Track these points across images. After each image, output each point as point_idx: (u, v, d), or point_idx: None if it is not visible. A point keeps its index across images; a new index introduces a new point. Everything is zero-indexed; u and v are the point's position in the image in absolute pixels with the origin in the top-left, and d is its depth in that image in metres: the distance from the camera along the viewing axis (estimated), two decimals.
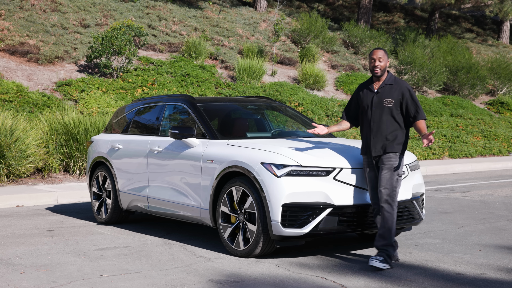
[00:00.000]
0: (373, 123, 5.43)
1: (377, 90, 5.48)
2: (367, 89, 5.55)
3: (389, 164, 5.33)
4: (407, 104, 5.41)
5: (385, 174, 5.31)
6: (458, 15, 32.57)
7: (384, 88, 5.47)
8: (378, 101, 5.43)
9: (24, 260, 5.55)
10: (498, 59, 22.97)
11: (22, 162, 9.89)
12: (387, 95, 5.42)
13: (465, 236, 6.62)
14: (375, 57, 5.46)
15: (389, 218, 5.27)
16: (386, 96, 5.42)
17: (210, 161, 5.96)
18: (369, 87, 5.55)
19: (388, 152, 5.34)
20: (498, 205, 8.79)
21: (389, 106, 5.40)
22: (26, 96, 13.12)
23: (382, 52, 5.48)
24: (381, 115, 5.41)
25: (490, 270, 5.20)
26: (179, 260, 5.54)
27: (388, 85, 5.47)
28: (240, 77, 17.11)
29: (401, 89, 5.43)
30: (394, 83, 5.48)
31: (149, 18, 19.44)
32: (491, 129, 17.90)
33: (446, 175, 12.99)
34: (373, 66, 5.47)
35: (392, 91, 5.43)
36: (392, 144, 5.36)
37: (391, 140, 5.37)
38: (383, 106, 5.41)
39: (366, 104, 5.51)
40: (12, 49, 15.17)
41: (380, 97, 5.44)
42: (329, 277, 4.98)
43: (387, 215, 5.27)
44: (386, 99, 5.41)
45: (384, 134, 5.37)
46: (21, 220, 7.69)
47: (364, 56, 22.03)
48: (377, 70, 5.46)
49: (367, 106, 5.49)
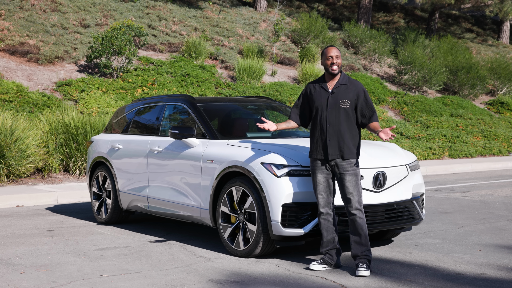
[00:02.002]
0: (329, 125, 5.17)
1: (332, 90, 5.23)
2: (321, 88, 5.27)
3: (352, 170, 5.15)
4: (362, 106, 5.22)
5: (351, 180, 5.13)
6: (458, 15, 32.56)
7: (339, 88, 5.23)
8: (334, 102, 5.19)
9: (24, 260, 5.54)
10: (498, 59, 22.95)
11: (22, 162, 9.89)
12: (343, 96, 5.20)
13: (465, 236, 6.61)
14: (332, 55, 5.22)
15: (363, 224, 5.14)
16: (342, 97, 5.19)
17: (210, 161, 5.96)
18: (322, 87, 5.27)
19: (348, 158, 5.14)
20: (498, 205, 8.78)
21: (346, 107, 5.18)
22: (26, 96, 13.11)
23: (338, 50, 5.26)
24: (337, 117, 5.17)
25: (490, 270, 5.19)
26: (179, 260, 5.54)
27: (343, 85, 5.24)
28: (240, 77, 17.10)
29: (356, 89, 5.23)
30: (349, 83, 5.26)
31: (149, 18, 19.43)
32: (491, 129, 17.89)
33: (446, 175, 12.99)
34: (331, 64, 5.21)
35: (347, 91, 5.22)
36: (351, 148, 5.17)
37: (349, 143, 5.17)
38: (339, 108, 5.18)
39: (320, 104, 5.23)
40: (12, 49, 15.16)
41: (336, 97, 5.20)
42: (329, 277, 4.98)
43: (360, 221, 5.13)
44: (343, 100, 5.18)
45: (341, 137, 5.15)
46: (21, 220, 7.68)
47: (364, 56, 22.01)
48: (334, 67, 5.21)
49: (322, 107, 5.21)
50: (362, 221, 5.14)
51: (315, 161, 5.23)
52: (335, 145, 5.16)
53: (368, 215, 5.49)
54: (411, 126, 17.24)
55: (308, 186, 5.37)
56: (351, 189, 5.12)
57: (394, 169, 5.76)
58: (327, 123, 5.18)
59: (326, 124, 5.18)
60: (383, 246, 6.16)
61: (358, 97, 5.21)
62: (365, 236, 5.14)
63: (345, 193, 5.15)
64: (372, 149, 5.98)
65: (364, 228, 5.14)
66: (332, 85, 5.26)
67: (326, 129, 5.18)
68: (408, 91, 20.60)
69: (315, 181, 5.22)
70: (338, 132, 5.16)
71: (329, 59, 5.23)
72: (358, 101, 5.21)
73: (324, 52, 5.27)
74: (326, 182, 5.20)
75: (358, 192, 5.14)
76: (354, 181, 5.14)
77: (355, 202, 5.12)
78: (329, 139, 5.16)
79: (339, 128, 5.17)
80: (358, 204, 5.13)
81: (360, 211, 5.14)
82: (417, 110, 18.78)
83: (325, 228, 5.22)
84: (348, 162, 5.15)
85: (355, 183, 5.14)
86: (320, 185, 5.19)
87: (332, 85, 5.26)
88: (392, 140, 11.58)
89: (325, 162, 5.20)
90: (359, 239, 5.14)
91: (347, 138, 5.17)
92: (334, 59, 5.22)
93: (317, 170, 5.22)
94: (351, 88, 5.24)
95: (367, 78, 19.94)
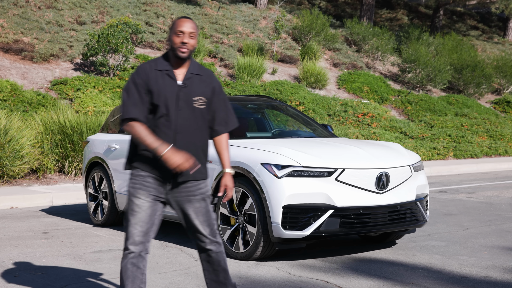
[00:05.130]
0: (178, 132, 3.64)
1: (182, 81, 3.68)
2: (166, 77, 3.67)
3: (200, 194, 3.73)
4: (216, 106, 3.76)
5: (200, 208, 3.73)
6: (463, 12, 32.46)
7: (192, 80, 3.70)
8: (186, 99, 3.66)
9: (19, 263, 5.48)
10: (504, 57, 22.84)
11: (17, 162, 9.80)
12: (198, 91, 3.69)
13: (470, 238, 6.56)
14: (184, 30, 3.62)
15: (221, 257, 3.84)
16: (196, 93, 3.68)
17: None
18: (169, 75, 3.67)
19: (200, 178, 3.72)
20: (504, 206, 8.72)
21: (201, 107, 3.69)
22: (20, 95, 13.03)
23: (194, 25, 3.67)
24: (190, 120, 3.66)
25: (496, 273, 5.14)
26: (177, 263, 5.48)
27: (196, 75, 3.72)
28: (240, 75, 17.00)
29: (211, 82, 3.75)
30: (202, 73, 3.76)
31: (146, 15, 19.32)
32: (497, 128, 17.76)
33: (450, 176, 12.93)
34: (181, 43, 3.62)
35: (202, 85, 3.72)
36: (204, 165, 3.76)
37: (203, 160, 3.76)
38: (193, 107, 3.67)
39: (165, 100, 3.63)
40: (6, 47, 15.04)
41: (189, 93, 3.67)
42: (331, 280, 4.92)
43: (216, 256, 3.81)
44: (198, 98, 3.68)
45: (195, 151, 3.69)
46: (15, 222, 7.60)
47: (367, 54, 21.89)
48: (184, 49, 3.63)
49: (168, 105, 3.64)
50: (220, 254, 3.82)
51: (142, 178, 3.67)
52: None
53: (371, 217, 5.44)
54: (415, 126, 17.14)
55: (309, 187, 5.31)
56: (201, 218, 3.74)
57: (397, 170, 5.71)
58: (176, 128, 3.64)
59: (174, 130, 3.64)
60: (386, 248, 6.10)
61: (214, 93, 3.75)
62: (224, 271, 3.85)
63: (192, 224, 3.75)
64: (375, 149, 5.96)
65: (222, 263, 3.84)
66: (181, 73, 3.69)
67: (175, 138, 3.65)
68: (412, 90, 20.50)
69: (132, 205, 3.65)
70: (190, 144, 3.68)
71: (179, 35, 3.64)
72: (213, 98, 3.75)
73: (174, 25, 3.67)
74: (150, 208, 3.66)
75: (210, 220, 3.76)
76: (204, 208, 3.75)
77: (209, 235, 3.77)
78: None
79: (193, 137, 3.69)
80: (212, 236, 3.77)
81: (216, 244, 3.80)
82: (421, 109, 18.68)
83: (130, 278, 3.65)
84: (196, 185, 3.72)
85: (205, 209, 3.76)
86: (142, 212, 3.63)
87: (181, 74, 3.69)
88: None
89: (163, 182, 3.70)
90: (216, 277, 3.86)
91: (200, 151, 3.73)
92: (186, 36, 3.63)
93: (142, 189, 3.66)
94: (206, 80, 3.75)
95: (370, 77, 19.84)
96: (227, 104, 3.83)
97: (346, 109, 16.85)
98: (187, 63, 3.71)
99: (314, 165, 5.35)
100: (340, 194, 5.33)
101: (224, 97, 3.81)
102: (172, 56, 3.68)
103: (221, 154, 3.82)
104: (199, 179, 3.73)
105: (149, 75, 3.65)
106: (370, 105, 17.46)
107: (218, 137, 3.81)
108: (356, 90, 18.97)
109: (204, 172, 3.76)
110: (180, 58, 3.65)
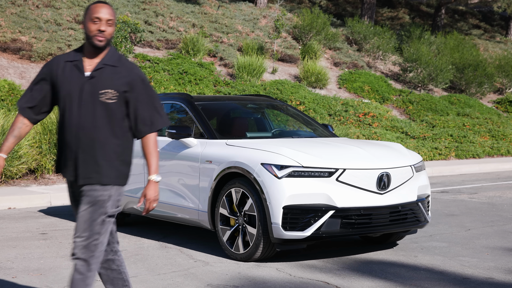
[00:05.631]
0: (80, 128, 3.37)
1: (91, 73, 3.40)
2: (74, 67, 3.42)
3: (90, 195, 3.37)
4: (137, 103, 3.43)
5: (83, 212, 3.36)
6: (465, 11, 32.39)
7: (102, 71, 3.40)
8: (92, 92, 3.37)
9: (16, 264, 5.45)
10: (506, 56, 22.80)
11: (14, 162, 9.75)
12: (107, 84, 3.38)
13: (472, 239, 6.54)
14: (101, 16, 3.36)
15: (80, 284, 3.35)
16: (104, 85, 3.38)
17: (208, 162, 5.88)
18: (77, 65, 3.42)
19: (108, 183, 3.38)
20: (507, 207, 8.70)
21: (109, 102, 3.38)
22: (18, 94, 12.98)
23: (111, 12, 3.41)
24: (94, 116, 3.37)
25: (498, 274, 5.13)
26: (177, 264, 5.45)
27: (109, 66, 3.41)
28: (240, 75, 16.95)
29: (129, 76, 3.42)
30: (120, 64, 3.44)
31: (145, 13, 19.27)
32: (499, 128, 17.70)
33: (452, 176, 12.89)
34: (97, 31, 3.36)
35: (115, 77, 3.40)
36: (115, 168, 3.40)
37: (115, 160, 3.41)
38: (99, 101, 3.37)
39: (69, 94, 3.39)
40: (4, 46, 14.99)
41: (95, 85, 3.38)
42: (331, 282, 4.90)
43: (77, 278, 3.35)
44: (105, 91, 3.37)
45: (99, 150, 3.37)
46: (13, 222, 7.56)
47: (368, 53, 21.84)
48: (101, 38, 3.37)
49: (71, 99, 3.39)
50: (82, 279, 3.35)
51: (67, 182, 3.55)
52: (89, 163, 3.37)
53: (372, 217, 5.42)
54: (416, 126, 17.09)
55: (310, 187, 5.29)
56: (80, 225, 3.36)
57: (399, 170, 5.69)
58: (78, 125, 3.37)
59: (77, 126, 3.38)
60: (388, 249, 6.08)
61: (132, 88, 3.42)
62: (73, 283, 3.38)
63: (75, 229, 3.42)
64: (376, 149, 5.94)
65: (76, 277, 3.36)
66: (92, 64, 3.42)
67: (77, 136, 3.38)
68: (413, 89, 20.44)
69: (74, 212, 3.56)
70: (95, 141, 3.37)
71: (96, 22, 3.38)
72: (131, 94, 3.41)
73: (89, 10, 3.41)
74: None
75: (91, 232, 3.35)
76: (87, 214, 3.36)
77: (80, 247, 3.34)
78: (82, 151, 3.37)
79: (99, 134, 3.37)
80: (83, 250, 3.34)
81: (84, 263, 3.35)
82: (422, 109, 18.63)
83: (108, 281, 3.58)
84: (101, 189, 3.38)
85: (88, 217, 3.35)
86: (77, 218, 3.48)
87: (91, 65, 3.42)
88: None
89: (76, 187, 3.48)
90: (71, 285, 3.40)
91: (109, 151, 3.38)
92: (103, 24, 3.38)
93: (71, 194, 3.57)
94: (121, 72, 3.42)
95: (371, 76, 19.79)
96: (154, 102, 3.46)
97: (347, 108, 16.80)
98: (103, 53, 3.43)
99: (314, 165, 5.33)
100: (341, 194, 5.31)
101: (150, 93, 3.46)
102: (87, 45, 3.43)
103: (147, 157, 3.46)
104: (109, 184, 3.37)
105: (56, 66, 3.44)
106: (371, 105, 17.41)
107: (144, 138, 3.46)
108: (357, 89, 18.93)
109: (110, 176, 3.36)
110: (96, 47, 3.39)
